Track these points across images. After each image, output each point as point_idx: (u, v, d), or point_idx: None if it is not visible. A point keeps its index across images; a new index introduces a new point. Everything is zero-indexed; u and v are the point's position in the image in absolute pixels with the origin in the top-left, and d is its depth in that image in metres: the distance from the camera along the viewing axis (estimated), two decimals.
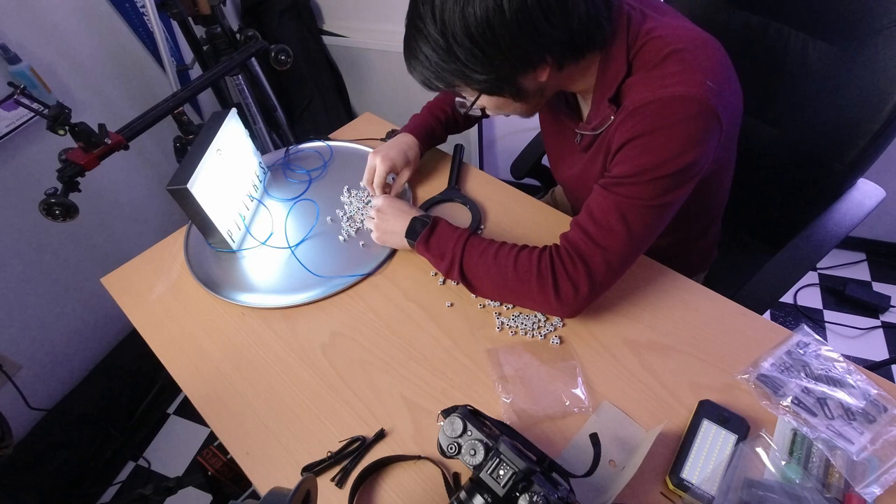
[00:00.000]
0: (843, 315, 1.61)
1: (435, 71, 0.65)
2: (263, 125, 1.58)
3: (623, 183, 0.65)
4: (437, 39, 0.61)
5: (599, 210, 0.67)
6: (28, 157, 1.34)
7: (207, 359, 0.79)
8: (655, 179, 0.63)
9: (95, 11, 1.45)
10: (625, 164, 0.64)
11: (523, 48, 0.60)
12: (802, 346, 0.69)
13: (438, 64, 0.64)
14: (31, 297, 1.43)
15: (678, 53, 0.62)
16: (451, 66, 0.63)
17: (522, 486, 0.50)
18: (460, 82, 0.66)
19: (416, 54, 0.66)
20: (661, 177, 0.62)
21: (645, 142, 0.62)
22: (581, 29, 0.61)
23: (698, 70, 0.61)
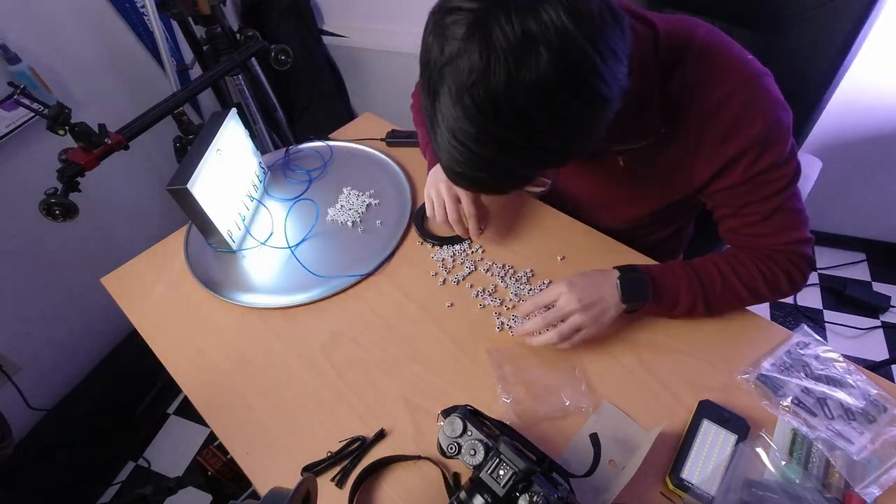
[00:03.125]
0: (843, 315, 1.61)
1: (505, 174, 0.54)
2: (263, 125, 1.58)
3: (764, 182, 0.65)
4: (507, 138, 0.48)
5: (763, 210, 0.67)
6: (28, 157, 1.34)
7: (207, 359, 0.79)
8: (786, 155, 0.64)
9: (95, 11, 1.45)
10: (757, 161, 0.63)
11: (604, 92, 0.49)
12: (802, 346, 0.69)
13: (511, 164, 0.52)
14: (31, 297, 1.43)
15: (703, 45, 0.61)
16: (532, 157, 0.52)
17: (522, 487, 0.50)
18: (541, 170, 0.57)
19: (477, 166, 0.51)
20: (787, 161, 0.64)
21: (761, 136, 0.61)
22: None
23: (734, 47, 0.62)
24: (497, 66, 0.44)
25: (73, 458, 1.51)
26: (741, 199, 0.67)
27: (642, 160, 0.71)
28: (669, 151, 0.68)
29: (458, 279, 0.83)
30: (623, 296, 0.68)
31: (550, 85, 0.45)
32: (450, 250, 0.87)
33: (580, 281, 0.69)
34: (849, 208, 1.65)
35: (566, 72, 0.45)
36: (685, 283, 0.70)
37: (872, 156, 1.50)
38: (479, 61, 0.44)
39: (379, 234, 0.92)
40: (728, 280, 0.70)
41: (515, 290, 0.80)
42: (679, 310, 0.70)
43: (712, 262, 0.71)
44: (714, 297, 0.70)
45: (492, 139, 0.48)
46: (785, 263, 0.70)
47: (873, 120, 1.43)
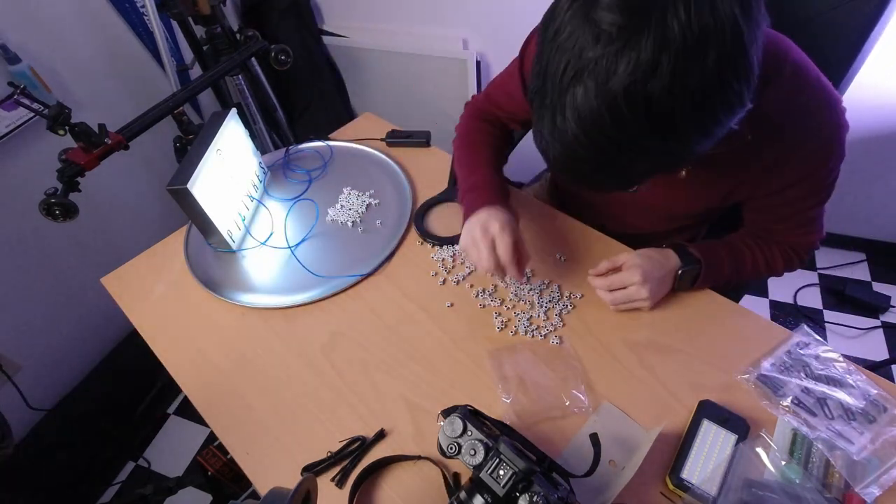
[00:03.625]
0: (843, 315, 1.61)
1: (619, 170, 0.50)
2: (263, 125, 1.58)
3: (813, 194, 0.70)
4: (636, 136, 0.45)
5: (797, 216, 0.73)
6: (28, 157, 1.33)
7: (207, 359, 0.79)
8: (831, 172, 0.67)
9: (95, 11, 1.45)
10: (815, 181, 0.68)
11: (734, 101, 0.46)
12: (802, 346, 0.69)
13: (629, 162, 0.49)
14: (31, 297, 1.43)
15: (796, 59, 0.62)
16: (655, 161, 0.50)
17: (522, 486, 0.50)
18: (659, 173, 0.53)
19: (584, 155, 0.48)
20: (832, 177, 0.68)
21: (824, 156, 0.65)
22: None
23: (818, 71, 0.63)
24: (664, 69, 0.40)
25: (73, 458, 1.51)
26: (785, 210, 0.73)
27: (709, 171, 0.69)
28: (746, 164, 0.67)
29: (458, 279, 0.83)
30: (677, 286, 0.75)
31: (709, 93, 0.42)
32: (450, 250, 0.87)
33: (652, 270, 0.73)
34: (849, 208, 1.65)
35: (726, 77, 0.42)
36: (727, 270, 0.75)
37: (872, 156, 1.50)
38: (649, 58, 0.40)
39: (379, 234, 0.92)
40: (758, 266, 0.77)
41: (515, 290, 0.80)
42: (713, 286, 0.77)
43: (749, 248, 0.77)
44: (743, 278, 0.77)
45: (630, 138, 0.45)
46: (802, 254, 0.79)
47: (873, 120, 1.43)
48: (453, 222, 0.92)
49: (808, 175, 0.67)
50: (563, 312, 0.77)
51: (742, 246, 0.77)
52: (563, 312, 0.77)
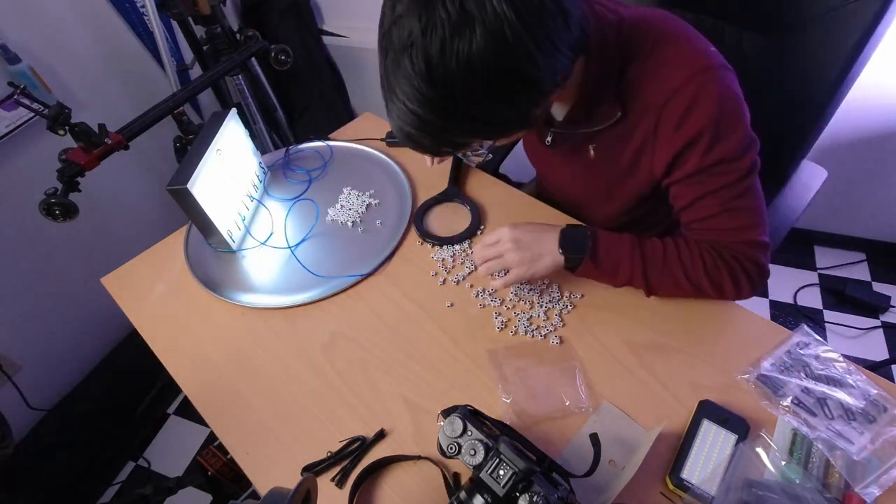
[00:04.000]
0: (843, 315, 1.61)
1: (439, 136, 0.58)
2: (263, 125, 1.58)
3: (717, 173, 0.66)
4: (440, 104, 0.52)
5: (718, 203, 0.67)
6: (28, 157, 1.34)
7: (207, 359, 0.79)
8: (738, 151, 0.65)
9: (95, 11, 1.45)
10: (707, 153, 0.65)
11: (537, 77, 0.54)
12: (802, 346, 0.69)
13: (443, 128, 0.56)
14: (31, 297, 1.43)
15: (665, 34, 0.64)
16: (466, 125, 0.56)
17: (522, 486, 0.50)
18: (470, 137, 0.60)
19: (413, 125, 0.56)
20: (742, 155, 0.65)
21: (712, 126, 0.63)
22: (579, 37, 0.57)
23: (694, 39, 0.64)
24: (433, 35, 0.48)
25: (73, 458, 1.51)
26: (695, 191, 0.68)
27: (609, 149, 0.74)
28: (632, 138, 0.70)
29: (458, 279, 0.83)
30: (561, 244, 0.72)
31: (482, 62, 0.49)
32: (450, 250, 0.87)
33: (524, 225, 0.74)
34: (849, 208, 1.65)
35: (498, 53, 0.49)
36: (627, 254, 0.71)
37: (873, 156, 1.50)
38: (417, 26, 0.48)
39: (379, 234, 0.92)
40: (669, 262, 0.71)
41: (515, 290, 0.80)
42: (619, 278, 0.73)
43: (662, 242, 0.73)
44: (653, 275, 0.71)
45: (426, 101, 0.52)
46: (731, 262, 0.69)
47: (873, 120, 1.43)
48: (453, 222, 0.92)
49: (693, 141, 0.64)
50: (563, 312, 0.77)
51: (656, 239, 0.73)
52: (563, 312, 0.77)
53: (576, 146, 0.78)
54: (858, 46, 0.78)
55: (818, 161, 1.00)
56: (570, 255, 0.71)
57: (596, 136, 0.73)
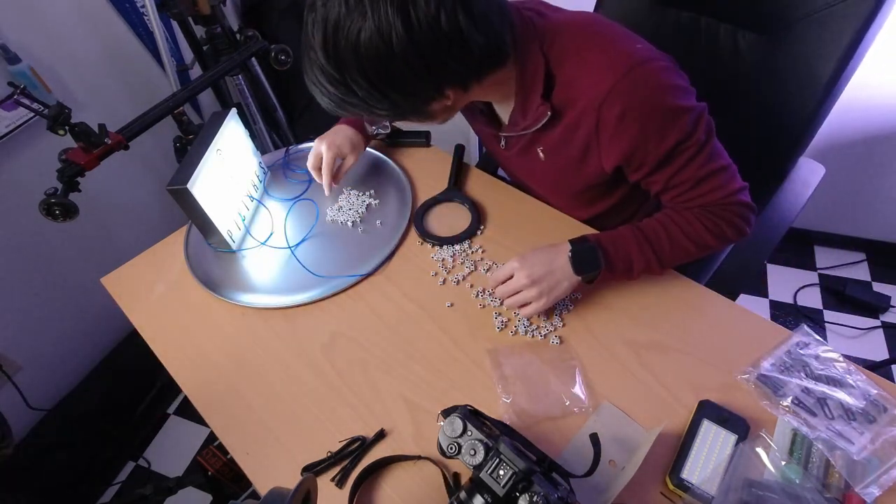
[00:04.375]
0: (843, 315, 1.61)
1: (337, 102, 0.64)
2: (263, 125, 1.58)
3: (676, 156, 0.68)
4: (332, 74, 0.59)
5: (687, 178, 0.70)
6: (28, 157, 1.33)
7: (207, 359, 0.79)
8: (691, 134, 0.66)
9: (95, 11, 1.45)
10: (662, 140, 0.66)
11: (420, 84, 0.61)
12: (802, 346, 0.69)
13: (338, 97, 0.62)
14: (31, 297, 1.43)
15: (590, 37, 0.66)
16: (352, 99, 0.62)
17: (522, 486, 0.50)
18: (364, 113, 0.66)
19: (315, 83, 0.63)
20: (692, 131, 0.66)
21: (655, 120, 0.65)
22: (483, 56, 0.61)
23: (620, 39, 0.66)
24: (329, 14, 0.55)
25: (73, 458, 1.51)
26: (664, 177, 0.71)
27: (554, 149, 0.76)
28: (574, 138, 0.72)
29: (458, 279, 0.83)
30: (575, 267, 0.71)
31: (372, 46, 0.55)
32: (450, 250, 0.87)
33: (531, 256, 0.73)
34: (849, 208, 1.65)
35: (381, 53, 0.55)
36: (635, 247, 0.72)
37: (872, 156, 1.50)
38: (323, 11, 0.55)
39: (379, 234, 0.92)
40: (674, 237, 0.73)
41: None
42: (635, 272, 0.74)
43: (659, 221, 0.74)
44: (664, 254, 0.73)
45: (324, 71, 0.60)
46: (726, 214, 0.73)
47: (873, 120, 1.43)
48: (453, 222, 0.92)
49: (642, 143, 0.66)
50: (563, 312, 0.77)
51: (650, 221, 0.75)
52: (563, 312, 0.77)
53: (525, 148, 0.80)
54: (853, 44, 0.78)
55: (817, 160, 1.01)
56: (586, 273, 0.72)
57: (540, 137, 0.76)
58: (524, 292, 0.72)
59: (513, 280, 0.73)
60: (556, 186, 0.86)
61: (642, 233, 0.73)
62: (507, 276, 0.74)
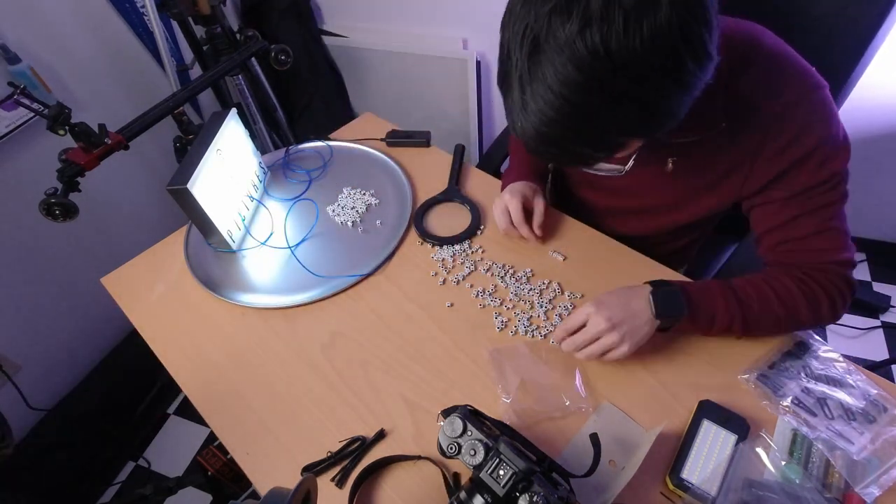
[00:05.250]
0: (844, 315, 1.61)
1: (586, 131, 0.50)
2: (263, 125, 1.58)
3: (817, 194, 0.64)
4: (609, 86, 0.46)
5: (812, 224, 0.66)
6: (28, 157, 1.33)
7: (207, 359, 0.79)
8: (842, 172, 0.64)
9: (95, 11, 1.45)
10: (815, 172, 0.63)
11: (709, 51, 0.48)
12: (802, 346, 0.69)
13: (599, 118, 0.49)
14: (31, 297, 1.43)
15: (770, 51, 0.62)
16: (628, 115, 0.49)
17: (522, 486, 0.50)
18: (633, 137, 0.54)
19: (560, 117, 0.48)
20: (842, 177, 0.64)
21: (820, 148, 0.62)
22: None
23: (797, 58, 0.62)
24: (616, 11, 0.43)
25: (73, 458, 1.51)
26: (795, 210, 0.66)
27: (693, 163, 0.70)
28: (727, 152, 0.67)
29: (458, 279, 0.83)
30: (657, 311, 0.65)
31: (668, 33, 0.44)
32: (450, 250, 0.87)
33: (608, 299, 0.67)
34: (849, 208, 1.64)
35: (684, 21, 0.44)
36: (722, 302, 0.66)
37: (872, 156, 1.50)
38: (599, 5, 0.43)
39: (379, 234, 0.92)
40: (766, 300, 0.66)
41: (515, 290, 0.80)
42: (716, 329, 0.68)
43: (750, 281, 0.69)
44: (752, 316, 0.66)
45: (598, 89, 0.46)
46: (827, 285, 0.67)
47: (873, 121, 1.43)
48: (453, 222, 0.92)
49: (805, 158, 0.62)
50: (564, 312, 0.77)
51: (742, 279, 0.69)
52: (563, 312, 0.77)
53: (651, 157, 0.70)
54: (860, 48, 0.78)
55: None
56: (666, 318, 0.66)
57: (682, 148, 0.68)
58: (604, 338, 0.65)
59: (590, 326, 0.66)
60: (663, 202, 0.79)
61: (732, 289, 0.67)
62: (580, 323, 0.67)
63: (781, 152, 0.63)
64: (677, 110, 0.51)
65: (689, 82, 0.49)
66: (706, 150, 0.67)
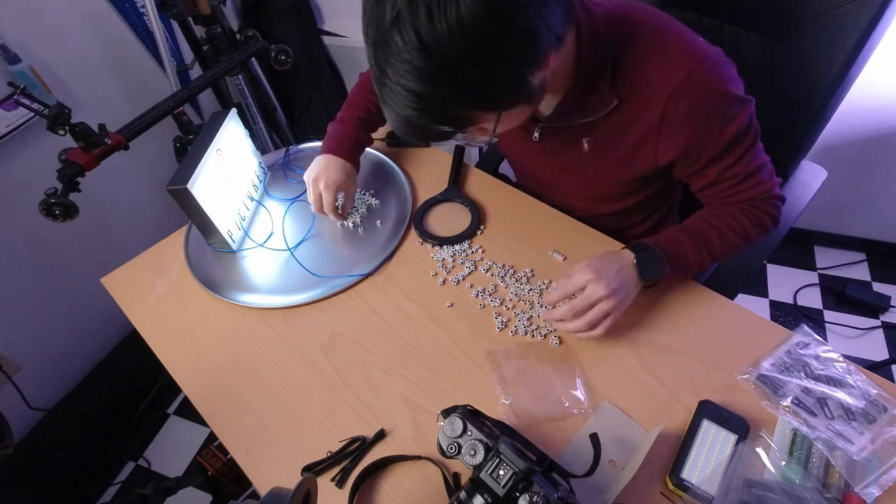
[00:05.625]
0: (843, 315, 1.61)
1: (440, 112, 0.56)
2: (263, 125, 1.58)
3: (733, 149, 0.70)
4: (433, 71, 0.50)
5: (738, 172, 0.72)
6: (28, 157, 1.33)
7: (207, 359, 0.79)
8: (747, 123, 0.69)
9: (95, 11, 1.45)
10: (721, 134, 0.68)
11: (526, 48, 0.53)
12: (802, 346, 0.69)
13: (444, 100, 0.54)
14: (31, 297, 1.43)
15: (656, 28, 0.67)
16: (464, 94, 0.54)
17: (522, 486, 0.50)
18: (479, 111, 0.58)
19: (412, 104, 0.54)
20: (748, 126, 0.69)
21: (720, 111, 0.66)
22: (567, 7, 0.57)
23: (684, 32, 0.67)
24: (419, 4, 0.47)
25: (73, 458, 1.51)
26: (716, 170, 0.73)
27: (605, 140, 0.75)
28: (632, 128, 0.71)
29: (458, 279, 0.83)
30: (642, 274, 0.70)
31: (472, 19, 0.47)
32: (450, 250, 0.87)
33: (602, 266, 0.69)
34: (849, 208, 1.65)
35: (487, 6, 0.47)
36: (691, 248, 0.73)
37: (872, 156, 1.50)
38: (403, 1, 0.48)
39: (379, 234, 0.92)
40: (723, 233, 0.75)
41: (515, 290, 0.80)
42: (690, 272, 0.75)
43: (705, 219, 0.76)
44: (716, 251, 0.75)
45: (422, 73, 0.50)
46: (766, 207, 0.76)
47: (873, 121, 1.43)
48: (453, 222, 0.92)
49: (702, 130, 0.67)
50: None
51: (697, 220, 0.77)
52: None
53: (567, 140, 0.78)
54: (857, 46, 0.78)
55: (818, 161, 1.00)
56: (649, 279, 0.71)
57: (590, 128, 0.74)
58: (602, 304, 0.67)
59: (589, 292, 0.67)
60: (594, 181, 0.84)
61: (694, 233, 0.75)
62: (579, 286, 0.69)
63: (683, 125, 0.67)
64: (515, 86, 0.56)
65: (514, 60, 0.53)
66: (613, 126, 0.72)
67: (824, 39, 0.80)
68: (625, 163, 0.76)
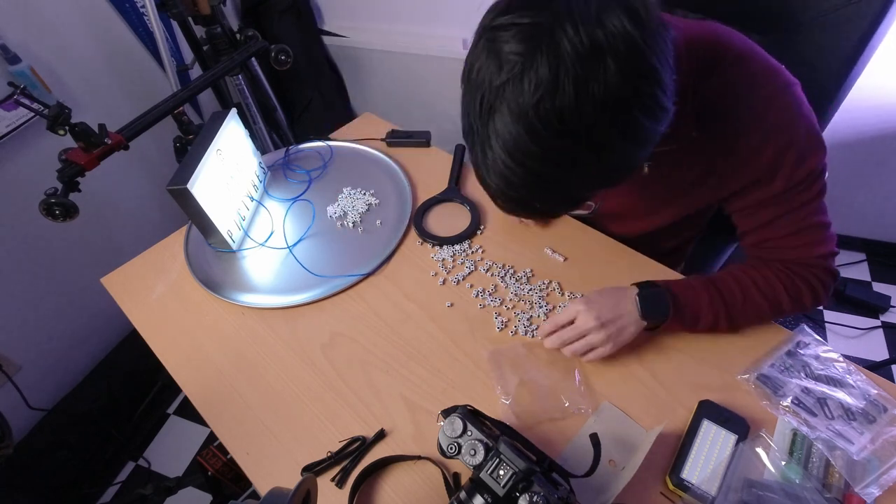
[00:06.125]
0: (843, 315, 1.61)
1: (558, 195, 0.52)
2: (263, 125, 1.58)
3: (798, 192, 0.64)
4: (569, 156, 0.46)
5: (793, 221, 0.67)
6: (28, 157, 1.33)
7: (207, 359, 0.79)
8: (818, 169, 0.64)
9: (95, 11, 1.45)
10: (791, 173, 0.63)
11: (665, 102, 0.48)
12: (802, 346, 0.69)
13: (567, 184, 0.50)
14: (31, 297, 1.43)
15: (734, 51, 0.61)
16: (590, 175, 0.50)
17: (522, 487, 0.50)
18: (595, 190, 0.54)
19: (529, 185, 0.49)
20: (820, 173, 0.64)
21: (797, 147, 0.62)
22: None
23: (764, 55, 0.62)
24: (566, 80, 0.42)
25: (73, 458, 1.51)
26: (773, 212, 0.67)
27: (668, 165, 0.69)
28: (700, 156, 0.67)
29: (458, 279, 0.83)
30: (643, 312, 0.67)
31: (618, 97, 0.43)
32: (450, 250, 0.87)
33: (598, 298, 0.68)
34: (849, 208, 1.65)
35: (633, 82, 0.44)
36: (706, 299, 0.68)
37: (872, 156, 1.50)
38: (547, 75, 0.42)
39: (379, 234, 0.92)
40: (749, 294, 0.68)
41: (515, 290, 0.80)
42: (701, 326, 0.69)
43: (733, 276, 0.70)
44: (736, 311, 0.68)
45: (556, 156, 0.46)
46: (809, 277, 0.69)
47: (873, 121, 1.43)
48: (453, 222, 0.92)
49: (775, 164, 0.63)
50: None
51: (723, 273, 0.71)
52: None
53: None
54: (858, 47, 0.78)
55: None
56: (652, 319, 0.68)
57: (655, 156, 0.69)
58: (590, 336, 0.67)
59: (579, 323, 0.67)
60: (641, 205, 0.79)
61: (715, 286, 0.69)
62: (569, 319, 0.69)
63: (754, 155, 0.63)
64: (638, 161, 0.52)
65: (646, 138, 0.49)
66: (681, 155, 0.67)
67: (825, 40, 0.80)
68: (684, 192, 0.72)
